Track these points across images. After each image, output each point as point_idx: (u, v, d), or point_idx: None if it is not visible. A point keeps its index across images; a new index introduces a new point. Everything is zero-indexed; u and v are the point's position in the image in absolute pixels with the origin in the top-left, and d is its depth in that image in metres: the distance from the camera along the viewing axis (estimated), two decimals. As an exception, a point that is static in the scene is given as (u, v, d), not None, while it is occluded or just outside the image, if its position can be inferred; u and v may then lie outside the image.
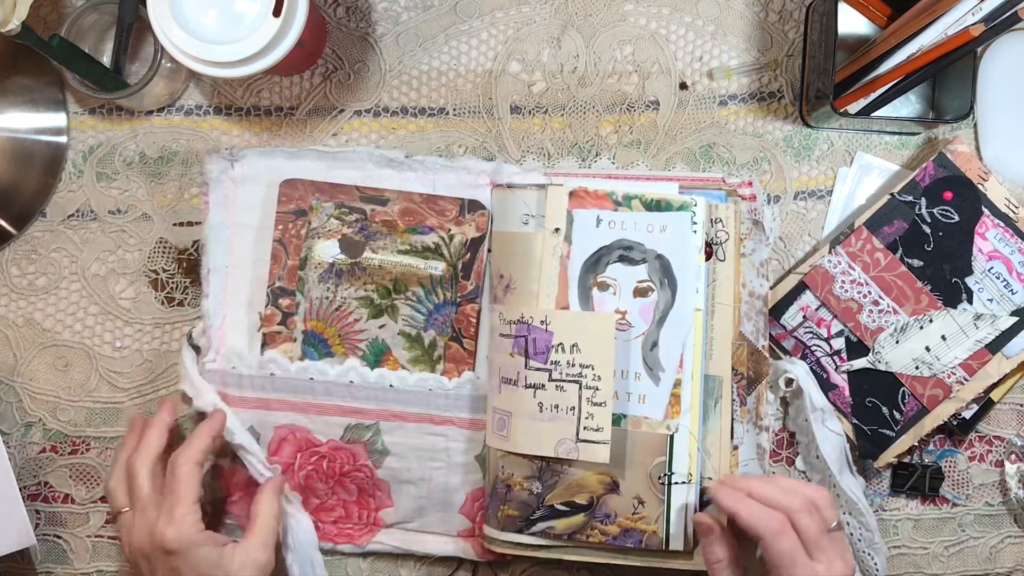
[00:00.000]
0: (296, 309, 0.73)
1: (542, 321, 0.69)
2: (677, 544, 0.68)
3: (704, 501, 0.69)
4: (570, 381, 0.68)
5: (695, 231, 0.69)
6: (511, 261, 0.71)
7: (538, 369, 0.69)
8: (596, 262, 0.70)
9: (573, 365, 0.68)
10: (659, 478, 0.68)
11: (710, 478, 0.69)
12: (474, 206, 0.73)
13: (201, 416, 0.73)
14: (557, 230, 0.70)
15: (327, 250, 0.73)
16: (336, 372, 0.73)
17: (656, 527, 0.68)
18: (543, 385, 0.68)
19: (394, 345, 0.73)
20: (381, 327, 0.73)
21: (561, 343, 0.68)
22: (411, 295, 0.73)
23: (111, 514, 0.75)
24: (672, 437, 0.69)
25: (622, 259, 0.70)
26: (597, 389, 0.68)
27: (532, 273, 0.70)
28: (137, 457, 0.66)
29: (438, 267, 0.73)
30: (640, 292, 0.69)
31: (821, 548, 0.59)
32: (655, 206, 0.70)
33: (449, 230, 0.73)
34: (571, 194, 0.70)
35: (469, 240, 0.74)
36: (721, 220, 0.71)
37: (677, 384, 0.69)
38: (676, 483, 0.68)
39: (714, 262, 0.71)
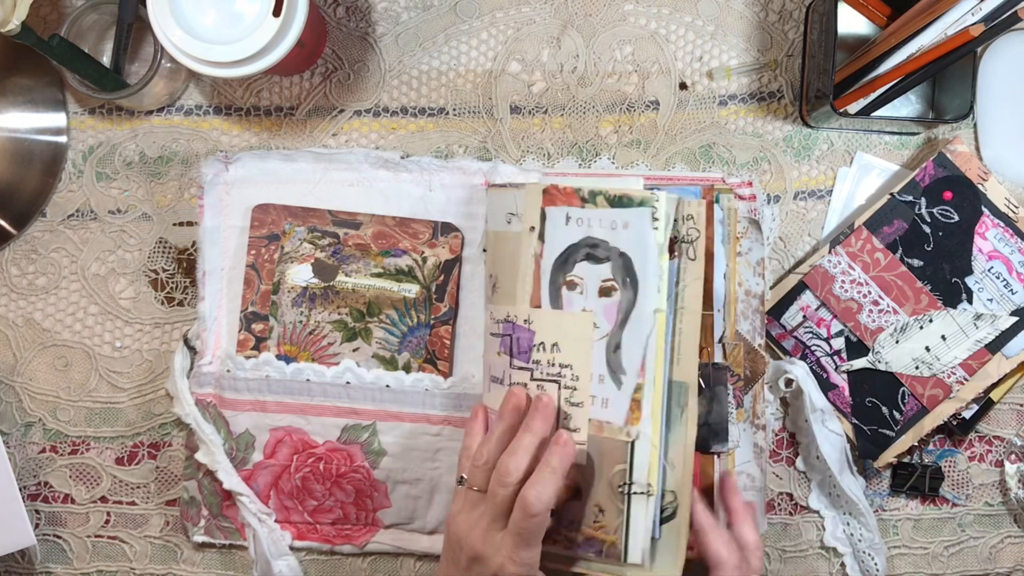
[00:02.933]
0: (269, 334, 0.73)
1: (525, 320, 0.68)
2: (635, 557, 0.63)
3: (664, 517, 0.65)
4: (550, 381, 0.66)
5: (656, 227, 0.64)
6: (497, 260, 0.71)
7: (521, 368, 0.68)
8: (565, 260, 0.67)
9: (553, 365, 0.66)
10: (619, 487, 0.64)
11: (672, 491, 0.65)
12: (447, 228, 0.74)
13: (180, 421, 0.74)
14: (532, 228, 0.68)
15: (300, 274, 0.73)
16: (332, 373, 0.73)
17: (615, 538, 0.64)
18: (525, 384, 0.67)
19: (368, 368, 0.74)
20: (355, 350, 0.73)
21: (543, 342, 0.67)
22: (385, 318, 0.73)
23: (460, 477, 0.65)
24: (633, 445, 0.64)
25: (588, 257, 0.66)
26: (575, 390, 0.65)
27: (512, 272, 0.70)
28: (522, 464, 0.61)
29: (412, 290, 0.73)
30: (604, 292, 0.65)
31: None
32: (619, 202, 0.65)
33: (422, 252, 0.73)
34: (544, 191, 0.68)
35: (443, 262, 0.74)
36: (692, 217, 0.66)
37: (638, 389, 0.64)
38: (636, 493, 0.63)
39: (685, 262, 0.66)
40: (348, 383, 0.73)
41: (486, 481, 0.62)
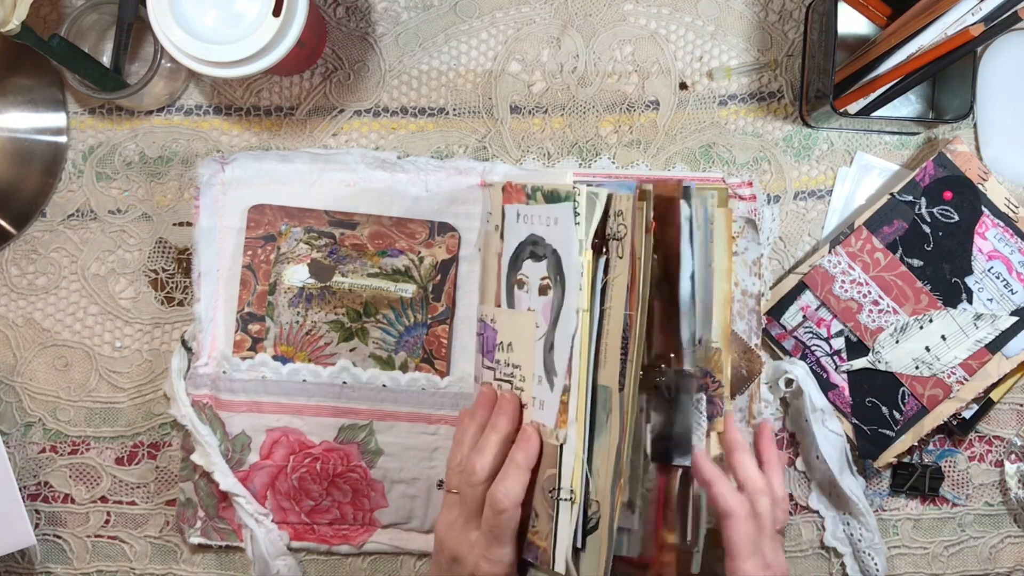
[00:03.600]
0: (266, 334, 0.73)
1: (492, 319, 0.68)
2: (560, 567, 0.60)
3: (590, 528, 0.61)
4: (505, 381, 0.66)
5: (578, 222, 0.61)
6: (484, 260, 0.71)
7: (488, 367, 0.68)
8: (516, 258, 0.66)
9: (508, 365, 0.66)
10: (550, 492, 0.61)
11: (597, 501, 0.60)
12: (444, 228, 0.74)
13: (177, 423, 0.74)
14: (496, 227, 0.68)
15: (297, 275, 0.73)
16: (329, 373, 0.73)
17: (546, 544, 0.61)
18: (490, 383, 0.67)
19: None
20: (351, 350, 0.73)
21: (502, 342, 0.66)
22: (382, 318, 0.73)
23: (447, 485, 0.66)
24: (561, 449, 0.61)
25: (532, 255, 0.65)
26: (522, 391, 0.64)
27: (487, 271, 0.70)
28: (488, 460, 0.62)
29: (408, 289, 0.73)
30: (543, 290, 0.63)
31: (771, 537, 0.62)
32: (552, 197, 0.63)
33: (419, 252, 0.73)
34: (503, 189, 0.67)
35: (439, 262, 0.74)
36: (622, 213, 0.61)
37: (565, 391, 0.61)
38: (563, 500, 0.60)
39: (614, 260, 0.61)
40: (344, 383, 0.73)
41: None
